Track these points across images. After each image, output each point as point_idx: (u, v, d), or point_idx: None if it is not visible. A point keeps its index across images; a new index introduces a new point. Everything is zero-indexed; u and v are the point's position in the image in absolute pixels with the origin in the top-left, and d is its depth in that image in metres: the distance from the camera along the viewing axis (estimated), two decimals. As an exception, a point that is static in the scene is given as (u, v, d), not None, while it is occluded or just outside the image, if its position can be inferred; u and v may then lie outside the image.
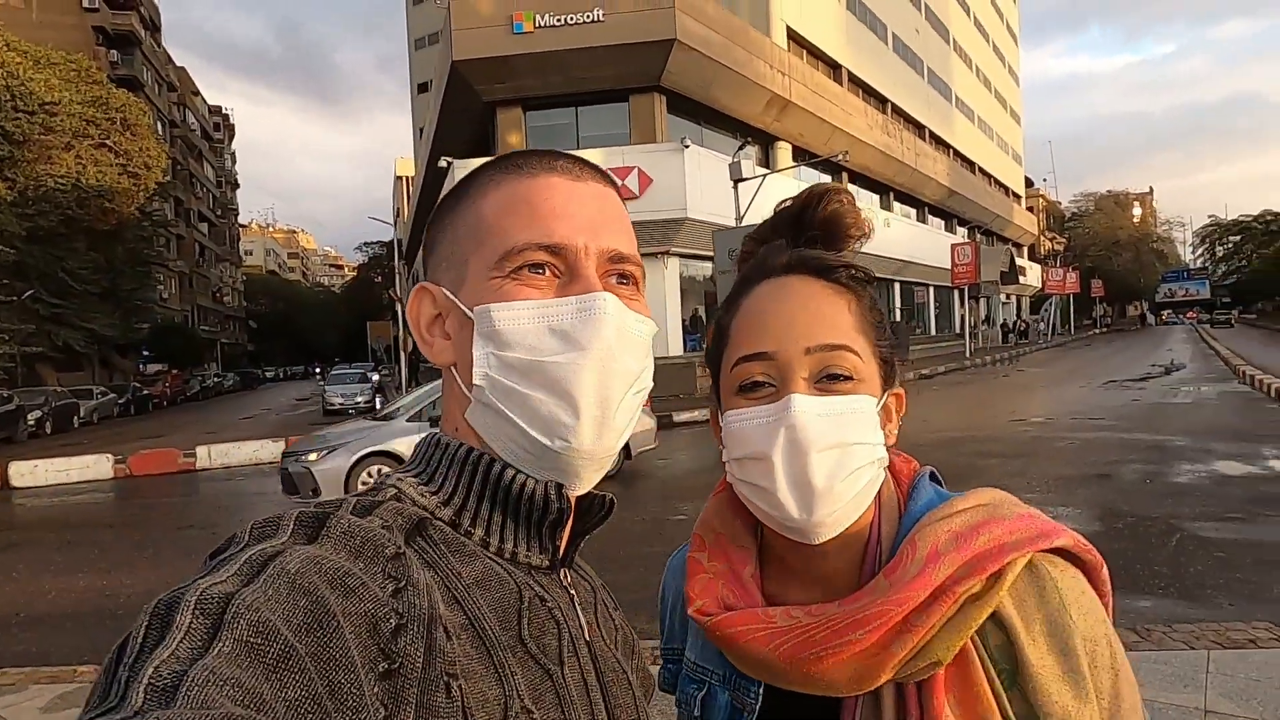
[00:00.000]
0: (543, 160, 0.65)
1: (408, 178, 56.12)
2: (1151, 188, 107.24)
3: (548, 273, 0.61)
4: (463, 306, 0.63)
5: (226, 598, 0.42)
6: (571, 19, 20.73)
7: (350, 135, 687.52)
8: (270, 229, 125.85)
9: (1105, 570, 0.73)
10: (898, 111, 39.36)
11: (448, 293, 0.64)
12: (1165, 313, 74.28)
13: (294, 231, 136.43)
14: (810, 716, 0.74)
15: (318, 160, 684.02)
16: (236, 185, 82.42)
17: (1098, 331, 62.77)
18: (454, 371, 0.65)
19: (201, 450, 14.51)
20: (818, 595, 0.74)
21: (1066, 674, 0.66)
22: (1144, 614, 4.58)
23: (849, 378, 0.72)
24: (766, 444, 0.71)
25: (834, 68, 33.35)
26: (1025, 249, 64.60)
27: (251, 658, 0.40)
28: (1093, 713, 0.66)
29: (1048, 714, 0.65)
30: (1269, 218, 73.81)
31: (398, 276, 32.82)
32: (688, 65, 21.81)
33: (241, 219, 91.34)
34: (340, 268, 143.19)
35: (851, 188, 33.22)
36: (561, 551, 0.66)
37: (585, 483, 0.64)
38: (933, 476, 0.81)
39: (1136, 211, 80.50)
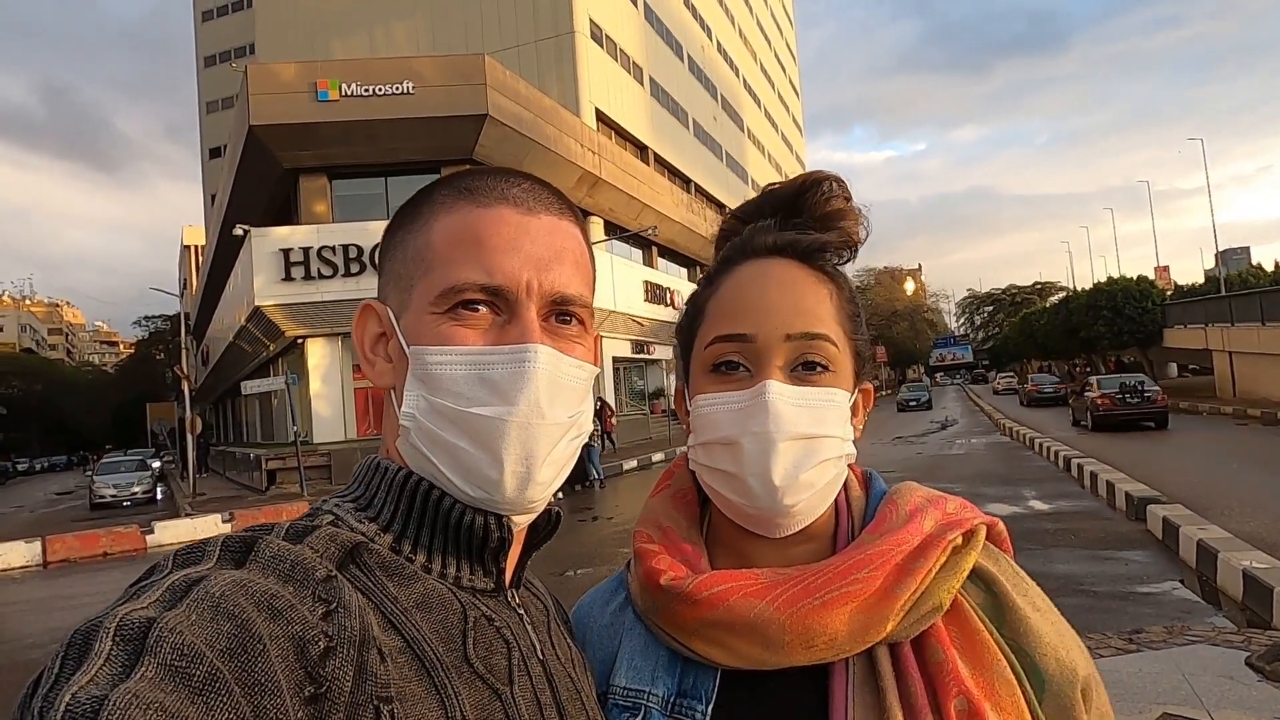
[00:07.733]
0: (496, 186, 0.63)
1: (197, 247, 52.16)
2: (920, 264, 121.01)
3: (486, 310, 0.60)
4: (401, 339, 0.62)
5: (149, 622, 0.41)
6: (380, 90, 20.46)
7: (131, 203, 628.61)
8: (28, 301, 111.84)
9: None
10: (700, 191, 41.96)
11: (393, 316, 0.63)
12: (939, 375, 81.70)
13: (57, 305, 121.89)
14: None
15: (92, 229, 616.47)
16: (-16, 253, 72.58)
17: (883, 394, 68.94)
18: (393, 396, 0.64)
19: (-73, 558, 12.24)
20: None
21: (1044, 617, 0.70)
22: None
23: (825, 368, 0.70)
24: (738, 429, 0.68)
25: (641, 149, 35.13)
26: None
27: (176, 682, 0.39)
28: (1069, 644, 0.69)
29: (1041, 653, 0.67)
30: (1014, 290, 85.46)
31: (185, 353, 29.97)
32: (500, 140, 22.11)
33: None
34: (115, 344, 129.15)
35: (661, 261, 35.05)
36: (509, 573, 0.65)
37: (521, 520, 0.64)
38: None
39: (910, 285, 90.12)
